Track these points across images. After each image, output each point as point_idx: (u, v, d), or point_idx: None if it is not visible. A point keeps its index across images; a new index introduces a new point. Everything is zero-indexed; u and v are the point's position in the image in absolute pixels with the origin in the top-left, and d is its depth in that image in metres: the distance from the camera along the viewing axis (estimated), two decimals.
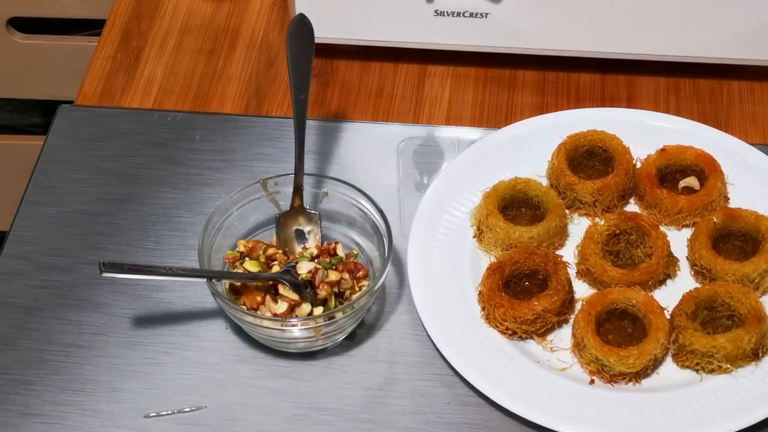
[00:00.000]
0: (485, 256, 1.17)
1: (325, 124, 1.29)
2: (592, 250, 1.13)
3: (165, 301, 1.15)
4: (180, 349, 1.12)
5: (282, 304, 1.09)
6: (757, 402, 1.05)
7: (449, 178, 1.21)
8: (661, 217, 1.18)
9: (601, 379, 1.08)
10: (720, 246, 1.15)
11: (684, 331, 1.08)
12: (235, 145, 1.28)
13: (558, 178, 1.19)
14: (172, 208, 1.22)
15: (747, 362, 1.08)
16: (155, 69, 1.36)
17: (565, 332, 1.11)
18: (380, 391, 1.09)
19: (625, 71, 1.34)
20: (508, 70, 1.35)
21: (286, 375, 1.10)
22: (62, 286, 1.16)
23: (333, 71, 1.35)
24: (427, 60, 1.35)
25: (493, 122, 1.30)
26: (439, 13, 1.28)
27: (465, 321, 1.11)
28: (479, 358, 1.08)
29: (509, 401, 1.06)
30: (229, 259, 1.12)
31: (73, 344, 1.12)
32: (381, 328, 1.13)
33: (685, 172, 1.21)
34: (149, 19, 1.41)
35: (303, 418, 1.07)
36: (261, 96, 1.33)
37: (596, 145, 1.21)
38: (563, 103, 1.32)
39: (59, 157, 1.27)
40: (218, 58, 1.37)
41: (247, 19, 1.41)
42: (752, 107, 1.31)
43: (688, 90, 1.33)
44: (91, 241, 1.20)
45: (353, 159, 1.27)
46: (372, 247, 1.15)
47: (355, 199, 1.15)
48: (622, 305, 1.10)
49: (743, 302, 1.08)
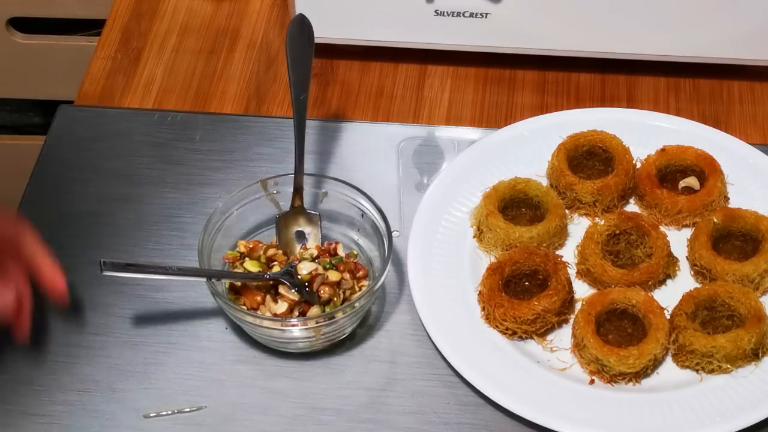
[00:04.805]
0: (485, 256, 1.17)
1: (325, 124, 1.29)
2: (592, 250, 1.13)
3: (165, 301, 1.15)
4: (180, 349, 1.12)
5: (282, 304, 1.09)
6: (757, 402, 1.05)
7: (449, 178, 1.21)
8: (661, 217, 1.18)
9: (601, 379, 1.08)
10: (720, 246, 1.15)
11: (684, 331, 1.08)
12: (235, 145, 1.28)
13: (558, 178, 1.19)
14: (172, 208, 1.22)
15: (747, 362, 1.08)
16: (155, 69, 1.36)
17: (565, 332, 1.11)
18: (380, 391, 1.09)
19: (625, 71, 1.34)
20: (508, 70, 1.35)
21: (286, 375, 1.10)
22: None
23: (333, 71, 1.35)
24: (427, 60, 1.35)
25: (493, 122, 1.30)
26: (439, 13, 1.28)
27: (465, 321, 1.11)
28: (479, 358, 1.09)
29: (509, 401, 1.06)
30: (229, 259, 1.12)
31: (73, 344, 1.12)
32: (381, 328, 1.13)
33: (685, 172, 1.21)
34: (149, 19, 1.41)
35: (303, 418, 1.07)
36: (261, 96, 1.33)
37: (596, 145, 1.21)
38: (563, 103, 1.32)
39: (59, 157, 1.27)
40: (218, 58, 1.37)
41: (247, 19, 1.41)
42: (752, 107, 1.31)
43: (688, 90, 1.33)
44: (91, 241, 1.20)
45: (353, 159, 1.27)
46: (372, 247, 1.15)
47: (355, 199, 1.15)
48: (622, 305, 1.10)
49: (743, 302, 1.08)
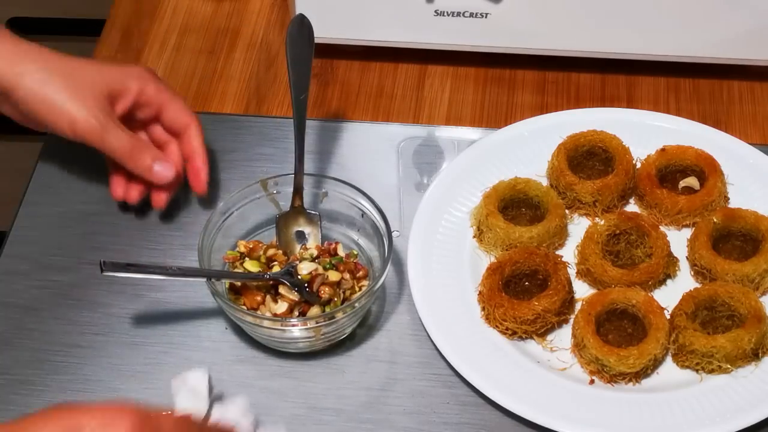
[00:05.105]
0: (485, 256, 1.17)
1: (325, 124, 1.29)
2: (592, 250, 1.13)
3: (165, 301, 1.15)
4: (180, 349, 1.12)
5: (282, 304, 1.09)
6: (757, 402, 1.05)
7: (449, 178, 1.21)
8: (661, 217, 1.18)
9: (601, 379, 1.08)
10: (720, 246, 1.15)
11: (684, 331, 1.08)
12: (235, 145, 1.28)
13: (558, 178, 1.19)
14: (172, 208, 1.22)
15: (747, 362, 1.08)
16: (155, 69, 1.35)
17: (565, 332, 1.11)
18: (380, 391, 1.09)
19: (625, 71, 1.34)
20: (508, 70, 1.35)
21: (286, 375, 1.10)
22: (62, 286, 1.16)
23: (333, 71, 1.35)
24: (427, 60, 1.35)
25: (493, 122, 1.30)
26: (439, 13, 1.28)
27: (465, 321, 1.11)
28: (479, 358, 1.09)
29: (509, 401, 1.06)
30: (229, 259, 1.12)
31: (73, 344, 1.12)
32: (381, 328, 1.13)
33: (685, 172, 1.21)
34: (149, 19, 1.41)
35: (303, 418, 1.07)
36: (261, 96, 1.33)
37: (596, 145, 1.21)
38: (563, 103, 1.32)
39: (59, 157, 1.27)
40: (218, 58, 1.37)
41: (247, 19, 1.41)
42: (752, 107, 1.31)
43: (688, 90, 1.33)
44: (91, 241, 1.20)
45: (353, 159, 1.27)
46: (372, 247, 1.15)
47: (355, 199, 1.15)
48: (622, 305, 1.10)
49: (743, 302, 1.08)
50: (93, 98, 1.11)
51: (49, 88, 1.11)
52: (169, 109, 1.16)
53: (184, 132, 1.16)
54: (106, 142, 1.12)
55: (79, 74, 1.12)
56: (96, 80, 1.12)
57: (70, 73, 1.12)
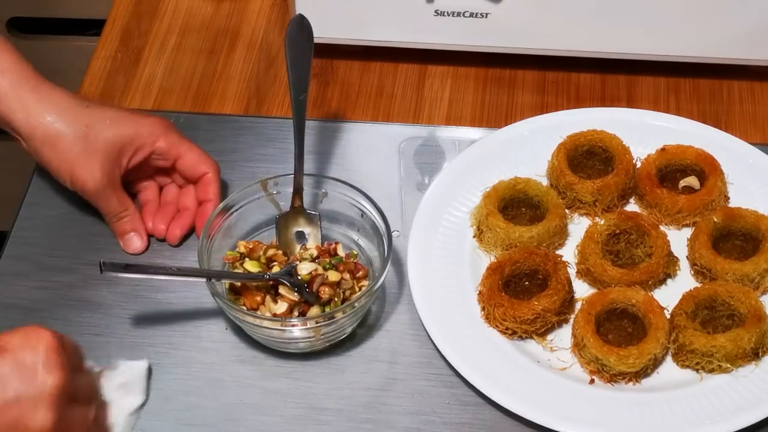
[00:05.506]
0: (485, 256, 1.17)
1: (325, 124, 1.29)
2: (592, 249, 1.13)
3: (165, 301, 1.15)
4: (180, 349, 1.12)
5: (282, 304, 1.09)
6: (757, 402, 1.05)
7: (449, 178, 1.21)
8: (661, 216, 1.18)
9: (601, 378, 1.08)
10: (720, 245, 1.15)
11: (684, 331, 1.08)
12: (236, 146, 1.28)
13: (558, 178, 1.19)
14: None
15: (747, 362, 1.08)
16: (155, 69, 1.36)
17: (565, 332, 1.11)
18: (380, 391, 1.09)
19: (625, 71, 1.34)
20: (508, 70, 1.35)
21: (286, 375, 1.10)
22: (62, 286, 1.16)
23: (333, 71, 1.35)
24: (427, 60, 1.35)
25: (493, 122, 1.30)
26: (439, 13, 1.28)
27: (465, 321, 1.11)
28: (479, 358, 1.09)
29: (509, 401, 1.06)
30: (229, 260, 1.12)
31: None
32: (381, 328, 1.13)
33: (685, 172, 1.21)
34: (149, 19, 1.41)
35: (303, 418, 1.07)
36: (261, 96, 1.33)
37: (596, 145, 1.21)
38: (563, 103, 1.32)
39: None
40: (218, 58, 1.37)
41: (247, 19, 1.41)
42: (752, 107, 1.31)
43: (688, 90, 1.33)
44: (91, 241, 1.20)
45: (353, 159, 1.27)
46: (372, 247, 1.15)
47: (355, 199, 1.15)
48: (622, 305, 1.10)
49: (743, 302, 1.08)
50: (100, 161, 1.14)
51: (61, 143, 1.14)
52: (184, 159, 1.19)
53: (200, 179, 1.20)
54: (98, 203, 1.17)
55: (93, 132, 1.15)
56: (109, 139, 1.15)
57: (84, 133, 1.14)
